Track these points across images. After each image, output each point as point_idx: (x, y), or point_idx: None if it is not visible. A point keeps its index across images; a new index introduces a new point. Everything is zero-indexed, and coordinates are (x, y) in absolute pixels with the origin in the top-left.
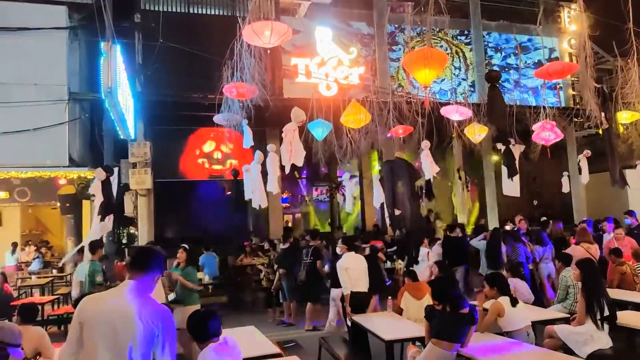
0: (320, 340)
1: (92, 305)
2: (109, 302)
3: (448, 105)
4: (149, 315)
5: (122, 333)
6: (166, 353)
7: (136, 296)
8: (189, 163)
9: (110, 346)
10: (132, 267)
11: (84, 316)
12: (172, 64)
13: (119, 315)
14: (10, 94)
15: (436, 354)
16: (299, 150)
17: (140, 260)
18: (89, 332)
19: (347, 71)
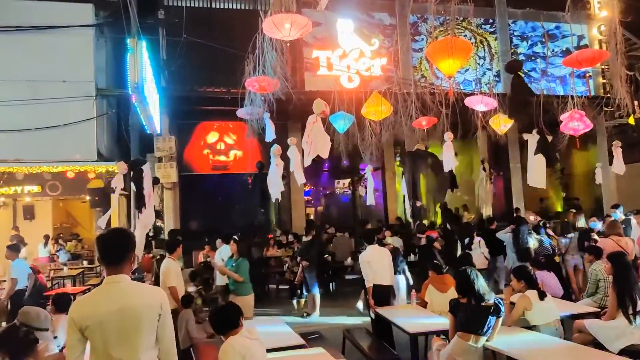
0: (344, 332)
1: (92, 309)
2: (108, 301)
3: (472, 95)
4: (150, 300)
5: (132, 326)
6: (167, 327)
7: (130, 287)
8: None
9: (122, 341)
10: (116, 262)
11: (86, 322)
12: (196, 59)
13: (126, 312)
14: (40, 91)
15: (462, 347)
16: (325, 141)
17: (118, 252)
18: (97, 334)
19: (369, 63)
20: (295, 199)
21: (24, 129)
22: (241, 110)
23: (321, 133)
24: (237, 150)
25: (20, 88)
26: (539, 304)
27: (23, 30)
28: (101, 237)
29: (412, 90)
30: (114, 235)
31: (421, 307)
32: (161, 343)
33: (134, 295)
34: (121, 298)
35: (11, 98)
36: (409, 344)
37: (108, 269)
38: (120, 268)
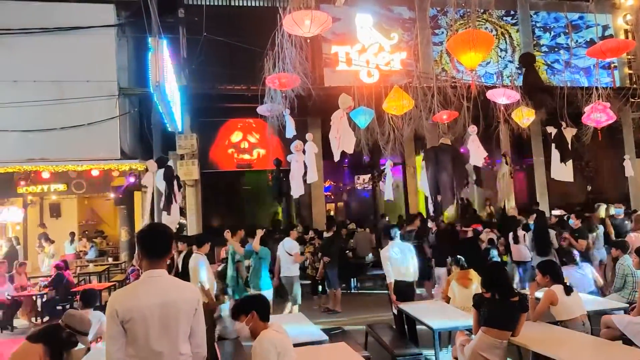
0: (366, 327)
1: (135, 302)
2: (150, 295)
3: (494, 88)
4: (188, 295)
5: (172, 319)
6: (200, 322)
7: (169, 281)
8: (220, 153)
9: (163, 333)
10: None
11: (129, 315)
12: (216, 57)
13: (167, 305)
14: (64, 91)
15: (486, 342)
16: (349, 137)
17: (162, 247)
18: (139, 326)
19: (389, 57)
20: (316, 195)
21: (50, 129)
22: (261, 107)
23: (347, 128)
24: (260, 148)
25: (46, 88)
26: (565, 299)
27: (48, 32)
28: (146, 233)
29: (433, 84)
30: (158, 231)
31: (444, 302)
32: (194, 337)
33: (173, 289)
34: (162, 292)
35: (37, 98)
36: (431, 339)
37: (149, 263)
38: (160, 263)
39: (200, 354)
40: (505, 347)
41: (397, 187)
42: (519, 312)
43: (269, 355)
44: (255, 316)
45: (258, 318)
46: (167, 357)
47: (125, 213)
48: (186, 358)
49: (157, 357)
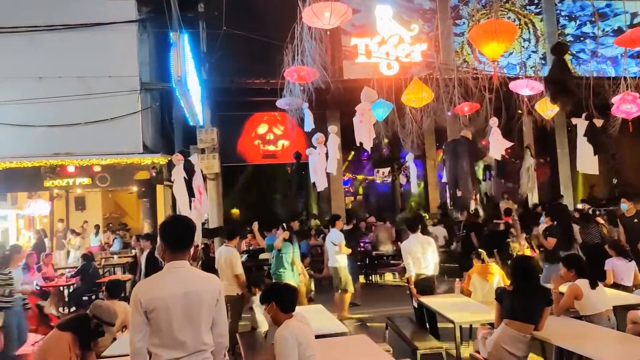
0: (386, 320)
1: (159, 293)
2: (174, 285)
3: (517, 79)
4: (210, 285)
5: (195, 309)
6: (222, 312)
7: (191, 272)
8: (247, 145)
9: (186, 323)
10: (181, 248)
11: (153, 305)
12: (235, 51)
13: (190, 296)
14: (88, 87)
15: (509, 335)
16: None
17: (186, 239)
18: (163, 316)
19: (409, 49)
20: (335, 188)
21: (75, 124)
22: (280, 100)
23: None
24: (284, 139)
25: (70, 84)
26: (590, 294)
27: (71, 28)
28: (169, 225)
29: (454, 75)
30: (180, 223)
31: (465, 296)
32: (216, 327)
33: (196, 280)
34: (185, 282)
35: (62, 94)
36: (452, 333)
37: (173, 254)
38: (183, 254)
39: (222, 344)
40: (529, 341)
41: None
42: (542, 306)
43: (290, 346)
44: (274, 306)
45: (277, 308)
46: (190, 346)
47: (148, 206)
48: (209, 348)
49: (181, 346)
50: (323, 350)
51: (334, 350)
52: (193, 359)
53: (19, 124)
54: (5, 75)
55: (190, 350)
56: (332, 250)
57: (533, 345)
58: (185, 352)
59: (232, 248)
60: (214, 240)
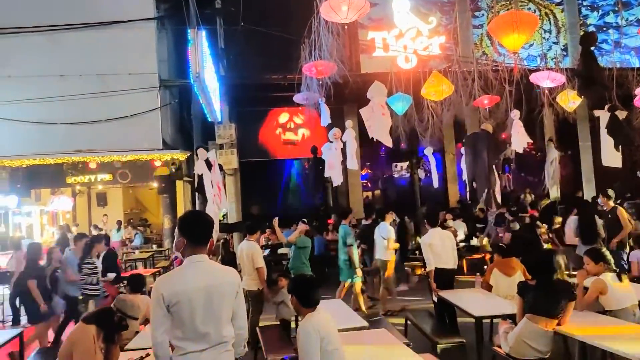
0: (406, 314)
1: (181, 286)
2: (195, 279)
3: (538, 71)
4: (230, 278)
5: (216, 302)
6: (241, 304)
7: (211, 266)
8: (268, 136)
9: (208, 316)
10: (202, 243)
11: (176, 298)
12: (253, 47)
13: (211, 289)
14: (108, 84)
15: (531, 329)
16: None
17: (207, 233)
18: (185, 309)
19: (427, 42)
20: (353, 183)
21: (95, 121)
22: (298, 95)
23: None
24: (304, 129)
25: (91, 82)
26: (615, 288)
27: (91, 27)
28: (189, 220)
29: (474, 68)
30: (200, 218)
31: (486, 290)
32: (236, 319)
33: (216, 273)
34: (206, 276)
35: (83, 92)
36: (472, 327)
37: (193, 248)
38: (202, 248)
39: (242, 336)
40: (551, 336)
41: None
42: (566, 301)
43: (312, 340)
44: (295, 300)
45: (298, 302)
46: (212, 338)
47: (168, 202)
48: (230, 340)
49: (203, 339)
50: (344, 344)
51: (353, 344)
52: (215, 351)
53: (42, 121)
54: (28, 74)
55: (213, 342)
56: (381, 244)
57: (555, 340)
58: (207, 344)
59: (254, 242)
60: (232, 235)
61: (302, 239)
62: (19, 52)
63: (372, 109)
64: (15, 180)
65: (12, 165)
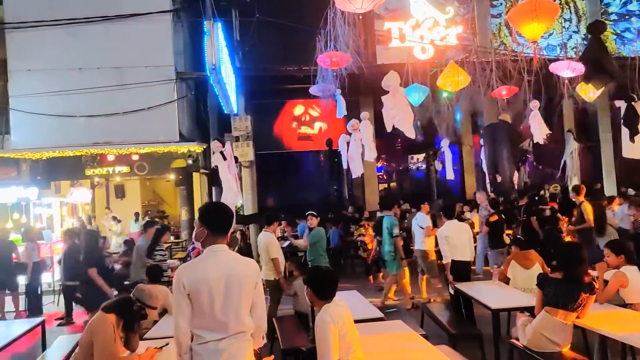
0: (422, 306)
1: (201, 275)
2: (215, 268)
3: (558, 61)
4: (249, 269)
5: (236, 291)
6: (260, 295)
7: (231, 256)
8: (284, 128)
9: (228, 305)
10: (222, 233)
11: (196, 287)
12: (268, 38)
13: (231, 278)
14: (125, 77)
15: (550, 322)
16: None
17: (227, 223)
18: (205, 298)
19: (444, 32)
20: (368, 175)
21: (113, 113)
22: (313, 87)
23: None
24: (320, 122)
25: (108, 75)
26: (636, 281)
27: (109, 20)
28: (210, 210)
29: (491, 58)
30: (221, 209)
31: (503, 283)
32: (255, 310)
33: (236, 263)
34: (226, 266)
35: (101, 85)
36: (489, 320)
37: (213, 239)
38: (222, 239)
39: (260, 327)
40: (570, 329)
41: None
42: (586, 294)
43: (330, 330)
44: (310, 291)
45: (313, 294)
46: (231, 327)
47: (185, 194)
48: (249, 329)
49: (223, 328)
50: (360, 335)
51: (370, 336)
52: (234, 340)
53: (61, 114)
54: (48, 67)
55: (232, 331)
56: (419, 233)
57: (575, 334)
58: (226, 334)
59: (271, 233)
60: (249, 227)
61: (313, 234)
62: (39, 45)
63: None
64: (36, 172)
65: (33, 157)
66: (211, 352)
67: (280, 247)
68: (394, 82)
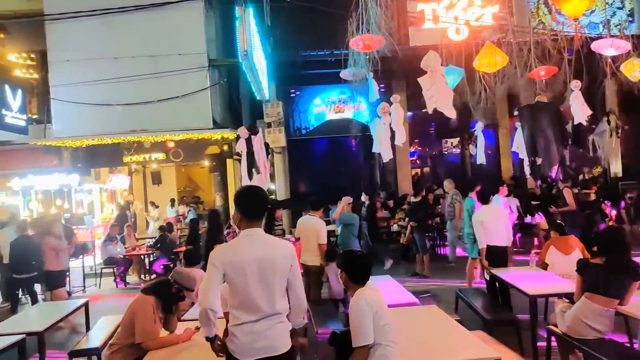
0: (456, 291)
1: (235, 257)
2: (249, 250)
3: (601, 39)
4: (283, 251)
5: (270, 273)
6: (297, 276)
7: (266, 238)
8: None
9: (262, 286)
10: (255, 216)
11: (229, 268)
12: (299, 23)
13: (264, 260)
14: (159, 65)
15: (590, 309)
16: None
17: (260, 207)
18: (239, 278)
19: (479, 12)
20: (401, 160)
21: (148, 101)
22: (344, 71)
23: (442, 87)
24: (352, 105)
25: (143, 63)
26: None
27: (142, 8)
28: (244, 194)
29: (529, 37)
30: (254, 193)
31: (541, 269)
32: (294, 289)
33: (270, 246)
34: (260, 248)
35: (135, 73)
36: (525, 307)
37: (248, 222)
38: (257, 222)
39: (300, 306)
40: (612, 316)
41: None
42: (630, 280)
43: (365, 314)
44: (344, 275)
45: (347, 278)
46: (265, 309)
47: (219, 179)
48: (283, 312)
49: (257, 310)
50: (395, 320)
51: (405, 321)
52: (269, 322)
53: (99, 103)
54: (85, 57)
55: (265, 313)
56: None
57: (617, 321)
58: (260, 315)
59: (319, 218)
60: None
61: (345, 216)
62: (76, 36)
63: (432, 77)
64: (77, 159)
65: (74, 145)
66: (247, 334)
67: None
68: (433, 62)
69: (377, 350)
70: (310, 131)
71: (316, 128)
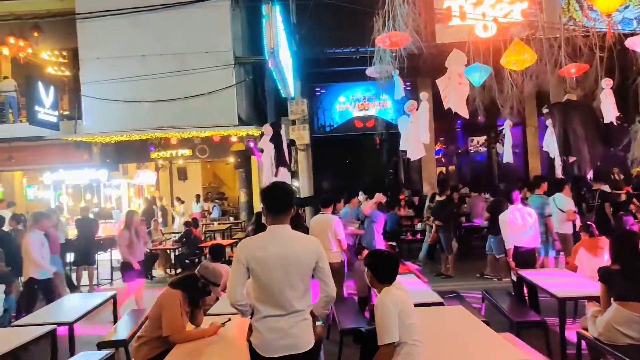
0: (482, 292)
1: (259, 252)
2: (274, 246)
3: (635, 35)
4: (308, 246)
5: (294, 268)
6: (325, 268)
7: (291, 234)
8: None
9: (285, 282)
10: (280, 212)
11: (252, 263)
12: (324, 20)
13: (289, 256)
14: (186, 63)
15: (623, 316)
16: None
17: (285, 203)
18: (263, 273)
19: (508, 8)
20: (426, 158)
21: (175, 98)
22: (370, 69)
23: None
24: (377, 103)
25: (170, 61)
26: None
27: (170, 7)
28: (269, 190)
29: (560, 34)
30: (279, 189)
31: (571, 271)
32: (322, 280)
33: (295, 242)
34: (284, 244)
35: (163, 71)
36: (552, 308)
37: (273, 218)
38: (282, 218)
39: (329, 295)
40: None
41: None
42: None
43: (391, 313)
44: (370, 274)
45: (373, 277)
46: (288, 306)
47: (244, 176)
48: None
49: (280, 305)
50: (421, 319)
51: (430, 320)
52: (293, 319)
53: (128, 100)
54: (114, 55)
55: (288, 309)
56: (558, 216)
57: None
58: (284, 311)
59: (330, 214)
60: (304, 210)
61: (373, 213)
62: (106, 34)
63: (448, 78)
64: (105, 155)
65: (103, 141)
66: (271, 330)
67: None
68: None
69: (403, 348)
70: (334, 128)
71: (340, 125)
